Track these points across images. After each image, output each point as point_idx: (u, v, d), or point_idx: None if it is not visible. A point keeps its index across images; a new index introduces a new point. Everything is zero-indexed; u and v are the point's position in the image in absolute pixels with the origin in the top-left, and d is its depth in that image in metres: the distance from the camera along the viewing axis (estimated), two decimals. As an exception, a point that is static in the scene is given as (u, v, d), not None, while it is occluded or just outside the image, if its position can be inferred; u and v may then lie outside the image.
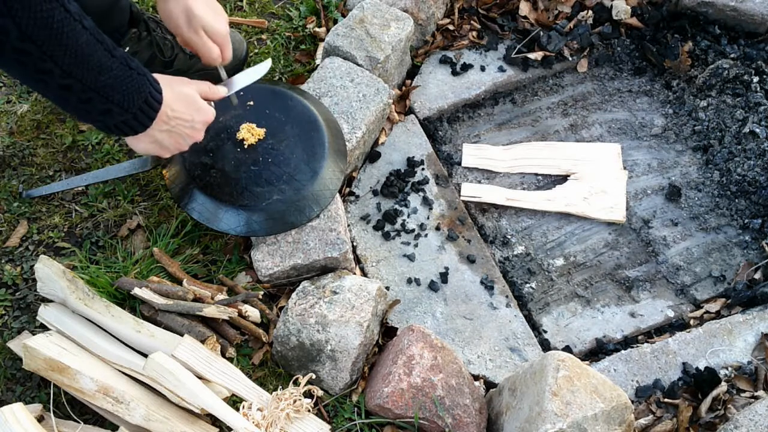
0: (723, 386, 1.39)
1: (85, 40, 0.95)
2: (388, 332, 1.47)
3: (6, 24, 0.87)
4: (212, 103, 1.27)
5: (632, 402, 1.29)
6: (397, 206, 1.68)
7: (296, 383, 1.34)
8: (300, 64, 1.87)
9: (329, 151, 1.52)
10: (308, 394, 1.34)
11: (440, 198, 1.71)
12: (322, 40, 1.85)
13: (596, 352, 1.55)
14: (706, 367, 1.43)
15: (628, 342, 1.56)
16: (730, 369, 1.44)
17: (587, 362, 1.46)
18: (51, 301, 1.39)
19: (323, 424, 1.30)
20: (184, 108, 1.17)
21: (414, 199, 1.70)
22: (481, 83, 1.91)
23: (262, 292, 1.43)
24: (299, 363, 1.36)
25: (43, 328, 1.37)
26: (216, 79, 1.44)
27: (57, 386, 1.27)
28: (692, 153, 1.83)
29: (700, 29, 1.97)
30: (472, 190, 1.74)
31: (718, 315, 1.57)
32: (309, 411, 1.31)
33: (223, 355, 1.36)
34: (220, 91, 1.30)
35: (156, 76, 1.11)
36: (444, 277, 1.59)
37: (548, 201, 1.73)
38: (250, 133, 1.50)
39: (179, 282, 1.43)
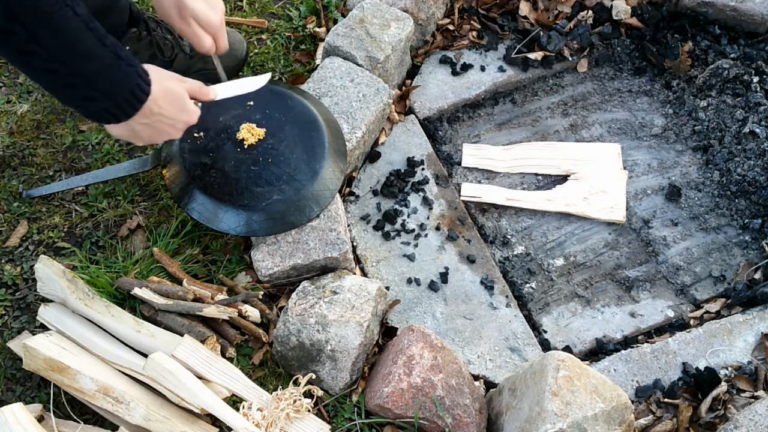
0: (723, 386, 1.39)
1: (75, 26, 0.95)
2: (388, 332, 1.47)
3: None
4: (200, 103, 1.27)
5: (632, 402, 1.29)
6: (397, 206, 1.68)
7: (296, 383, 1.34)
8: (300, 64, 1.87)
9: (329, 151, 1.51)
10: (308, 394, 1.34)
11: (440, 198, 1.71)
12: (322, 40, 1.85)
13: (596, 352, 1.55)
14: (706, 367, 1.43)
15: (628, 342, 1.56)
16: (730, 369, 1.44)
17: (587, 362, 1.46)
18: (51, 301, 1.38)
19: (323, 424, 1.30)
20: (170, 106, 1.16)
21: (414, 199, 1.70)
22: (481, 83, 1.91)
23: (262, 292, 1.43)
24: (299, 363, 1.36)
25: (43, 328, 1.37)
26: (215, 81, 1.44)
27: (57, 386, 1.27)
28: (692, 153, 1.83)
29: (700, 29, 1.97)
30: (472, 190, 1.74)
31: (718, 315, 1.57)
32: (309, 411, 1.30)
33: (223, 355, 1.36)
34: (210, 94, 1.29)
35: (148, 68, 1.11)
36: (444, 277, 1.59)
37: (548, 201, 1.73)
38: (250, 133, 1.50)
39: (179, 282, 1.42)
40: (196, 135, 1.50)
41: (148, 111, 1.12)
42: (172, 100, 1.16)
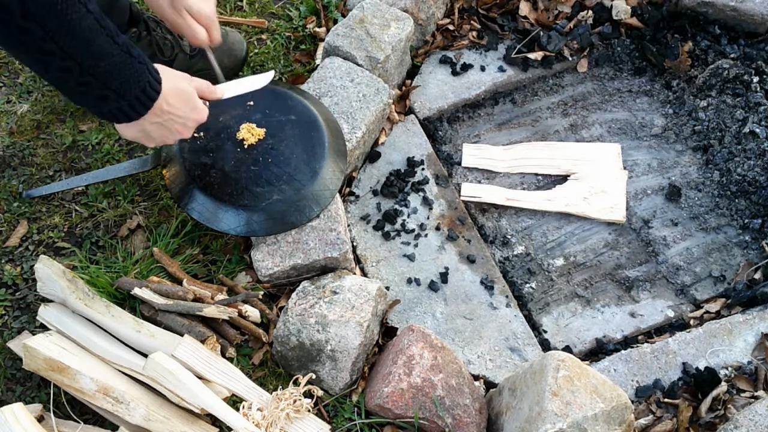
0: (723, 386, 1.39)
1: (88, 24, 0.95)
2: (388, 332, 1.47)
3: (9, 3, 0.87)
4: (207, 102, 1.27)
5: (632, 402, 1.29)
6: (397, 206, 1.68)
7: (296, 383, 1.34)
8: (300, 64, 1.87)
9: (329, 151, 1.52)
10: (308, 394, 1.34)
11: (440, 198, 1.71)
12: (322, 40, 1.85)
13: (596, 352, 1.55)
14: (706, 367, 1.43)
15: (628, 342, 1.56)
16: (730, 369, 1.44)
17: (587, 362, 1.46)
18: (51, 301, 1.38)
19: (323, 424, 1.30)
20: (180, 104, 1.16)
21: (414, 199, 1.70)
22: (481, 83, 1.91)
23: (262, 292, 1.43)
24: (299, 363, 1.36)
25: (43, 328, 1.37)
26: (217, 81, 1.44)
27: (57, 386, 1.27)
28: (692, 153, 1.83)
29: (700, 29, 1.97)
30: (472, 190, 1.74)
31: (718, 315, 1.57)
32: (309, 411, 1.30)
33: (223, 355, 1.36)
34: (217, 93, 1.29)
35: (158, 67, 1.11)
36: (444, 277, 1.59)
37: (548, 201, 1.73)
38: (250, 133, 1.50)
39: (179, 282, 1.42)
40: (196, 135, 1.50)
41: (159, 110, 1.12)
42: (182, 99, 1.16)
